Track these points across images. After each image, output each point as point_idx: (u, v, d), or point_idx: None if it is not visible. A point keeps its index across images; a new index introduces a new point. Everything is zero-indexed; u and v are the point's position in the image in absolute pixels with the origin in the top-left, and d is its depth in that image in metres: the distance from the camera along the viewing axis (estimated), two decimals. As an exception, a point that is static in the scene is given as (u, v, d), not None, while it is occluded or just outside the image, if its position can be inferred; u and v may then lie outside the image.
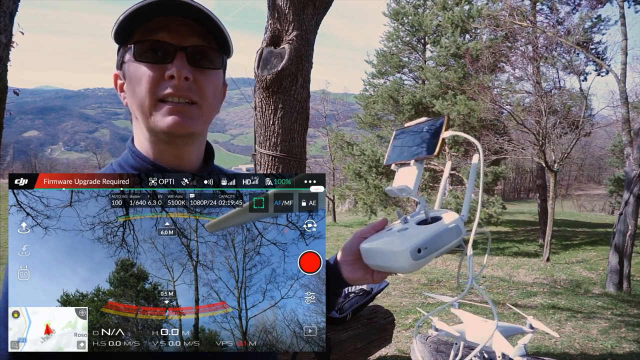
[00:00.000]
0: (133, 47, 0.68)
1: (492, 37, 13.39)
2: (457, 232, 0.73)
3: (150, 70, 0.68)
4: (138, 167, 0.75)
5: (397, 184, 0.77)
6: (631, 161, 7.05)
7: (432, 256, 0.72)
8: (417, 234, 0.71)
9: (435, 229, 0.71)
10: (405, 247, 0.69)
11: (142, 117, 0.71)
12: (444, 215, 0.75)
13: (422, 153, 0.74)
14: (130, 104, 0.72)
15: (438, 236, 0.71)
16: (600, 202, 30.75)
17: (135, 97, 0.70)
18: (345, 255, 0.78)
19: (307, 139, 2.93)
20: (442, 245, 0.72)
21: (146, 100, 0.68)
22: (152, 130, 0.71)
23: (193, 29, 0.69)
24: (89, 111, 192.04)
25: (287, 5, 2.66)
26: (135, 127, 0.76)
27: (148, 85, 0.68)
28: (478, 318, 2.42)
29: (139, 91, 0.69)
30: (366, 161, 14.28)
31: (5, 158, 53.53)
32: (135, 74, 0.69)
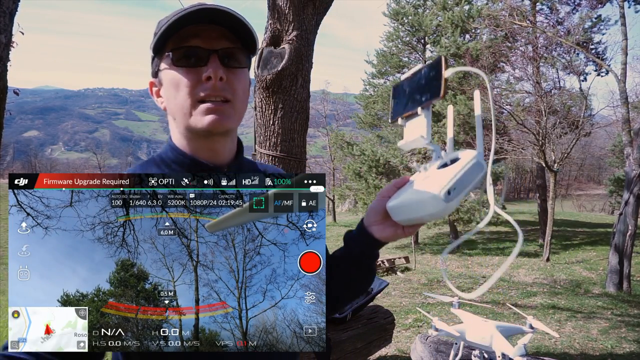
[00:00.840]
0: (170, 55, 0.74)
1: (492, 37, 13.39)
2: (480, 167, 0.71)
3: (188, 74, 0.73)
4: (177, 161, 0.80)
5: (409, 136, 0.74)
6: (631, 161, 7.05)
7: (462, 195, 0.70)
8: (443, 177, 0.69)
9: (460, 168, 0.69)
10: (435, 192, 0.67)
11: (182, 118, 0.76)
12: (461, 154, 0.72)
13: (427, 98, 0.71)
14: (169, 107, 0.78)
15: (464, 175, 0.69)
16: (600, 202, 30.75)
17: (175, 100, 0.75)
18: (372, 217, 0.78)
19: (307, 139, 2.93)
20: (469, 182, 0.69)
21: (186, 102, 0.74)
22: (191, 129, 0.76)
23: (221, 33, 0.75)
24: (89, 111, 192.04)
25: (287, 5, 2.66)
26: (172, 127, 0.82)
27: (187, 88, 0.73)
28: (478, 318, 2.42)
29: (179, 94, 0.74)
30: (366, 161, 14.28)
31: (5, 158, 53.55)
32: (174, 79, 0.74)
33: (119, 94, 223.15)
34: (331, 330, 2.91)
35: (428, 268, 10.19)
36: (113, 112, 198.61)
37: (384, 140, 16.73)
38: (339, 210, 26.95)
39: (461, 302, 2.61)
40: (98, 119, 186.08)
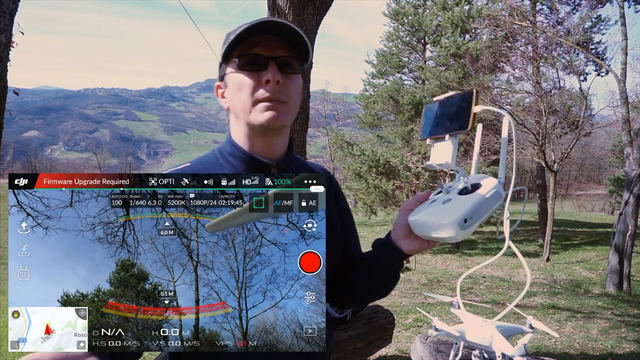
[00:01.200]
0: (237, 61, 0.86)
1: (492, 37, 13.39)
2: (498, 197, 0.75)
3: (250, 77, 0.85)
4: (234, 155, 0.91)
5: (435, 159, 0.81)
6: (631, 161, 7.05)
7: (478, 223, 0.75)
8: (462, 205, 0.74)
9: (478, 198, 0.74)
10: (452, 219, 0.72)
11: (243, 115, 0.87)
12: (483, 182, 0.77)
13: (456, 128, 0.77)
14: (233, 106, 0.90)
15: (481, 204, 0.74)
16: (600, 202, 30.75)
17: (239, 99, 0.86)
18: (399, 231, 0.86)
19: (307, 139, 2.92)
20: (485, 211, 0.74)
21: (248, 101, 0.85)
22: (251, 125, 0.87)
23: (280, 43, 0.86)
24: (89, 111, 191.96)
25: (287, 5, 2.66)
26: (234, 125, 0.93)
27: (250, 89, 0.85)
28: (478, 318, 2.41)
29: (242, 94, 0.86)
30: (366, 161, 14.28)
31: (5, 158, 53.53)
32: (238, 82, 0.86)
33: (119, 94, 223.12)
34: (331, 330, 2.91)
35: (428, 268, 10.19)
36: (113, 112, 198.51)
37: (384, 140, 16.73)
38: (339, 210, 26.90)
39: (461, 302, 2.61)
40: (98, 119, 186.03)
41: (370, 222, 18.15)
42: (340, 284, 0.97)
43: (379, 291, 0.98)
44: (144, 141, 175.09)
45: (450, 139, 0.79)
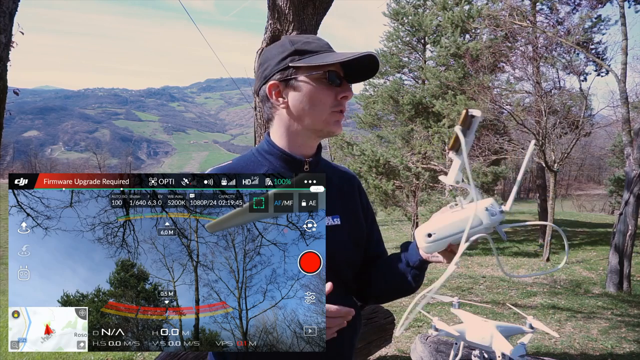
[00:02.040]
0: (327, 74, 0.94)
1: (492, 37, 13.38)
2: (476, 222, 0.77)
3: (330, 91, 0.95)
4: (272, 153, 0.99)
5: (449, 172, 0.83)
6: (631, 161, 7.05)
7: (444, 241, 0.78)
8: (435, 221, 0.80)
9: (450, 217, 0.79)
10: (420, 231, 0.80)
11: (315, 123, 0.96)
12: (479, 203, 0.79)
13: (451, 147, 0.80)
14: (300, 111, 0.96)
15: (450, 224, 0.78)
16: (600, 202, 30.75)
17: (314, 108, 0.95)
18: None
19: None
20: (453, 232, 0.78)
21: (326, 111, 0.96)
22: (318, 131, 0.98)
23: None
24: (89, 111, 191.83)
25: (287, 5, 2.66)
26: (282, 125, 0.99)
27: (330, 102, 0.95)
28: (478, 318, 2.41)
29: (321, 106, 0.95)
30: (366, 161, 14.27)
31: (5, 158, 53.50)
32: (319, 93, 0.95)
33: (119, 94, 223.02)
34: (331, 330, 2.91)
35: (428, 268, 10.18)
36: (113, 112, 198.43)
37: (384, 140, 16.72)
38: (339, 210, 26.88)
39: (461, 302, 2.61)
40: (98, 119, 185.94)
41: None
42: (363, 279, 1.05)
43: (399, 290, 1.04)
44: (144, 141, 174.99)
45: (454, 156, 0.81)
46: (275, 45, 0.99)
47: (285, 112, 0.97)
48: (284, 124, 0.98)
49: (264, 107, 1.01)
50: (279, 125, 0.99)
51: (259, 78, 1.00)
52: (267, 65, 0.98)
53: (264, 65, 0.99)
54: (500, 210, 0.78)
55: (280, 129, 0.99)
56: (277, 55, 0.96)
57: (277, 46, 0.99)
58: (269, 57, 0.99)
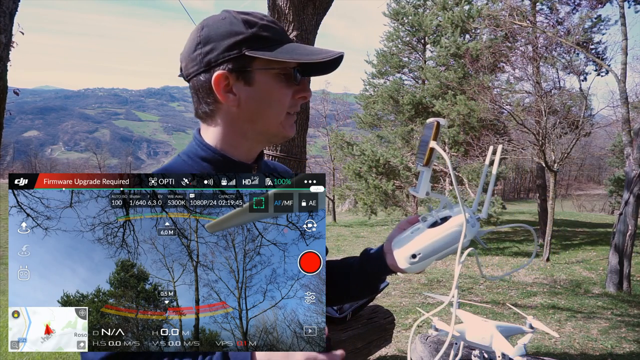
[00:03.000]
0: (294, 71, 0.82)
1: (492, 37, 13.39)
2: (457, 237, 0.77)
3: (289, 90, 0.83)
4: (210, 158, 0.83)
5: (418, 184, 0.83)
6: (631, 161, 7.05)
7: (431, 259, 0.78)
8: (420, 239, 0.78)
9: (432, 236, 0.77)
10: (403, 253, 0.79)
11: (268, 125, 0.84)
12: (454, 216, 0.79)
13: (420, 161, 0.80)
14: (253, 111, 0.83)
15: (434, 242, 0.77)
16: (600, 202, 30.75)
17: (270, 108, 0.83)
18: (387, 246, 0.88)
19: (307, 139, 2.93)
20: (438, 250, 0.77)
21: (283, 112, 0.84)
22: (270, 134, 0.85)
23: None
24: (89, 111, 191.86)
25: (287, 5, 2.66)
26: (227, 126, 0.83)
27: (287, 102, 0.84)
28: (478, 318, 2.42)
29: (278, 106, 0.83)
30: (366, 161, 14.28)
31: (5, 158, 53.52)
32: (277, 91, 0.83)
33: (119, 94, 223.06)
34: (331, 330, 2.91)
35: (428, 268, 10.19)
36: (113, 112, 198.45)
37: (384, 140, 16.73)
38: (339, 210, 26.95)
39: (461, 302, 2.61)
40: (98, 119, 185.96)
41: (370, 222, 18.15)
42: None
43: (354, 298, 0.98)
44: (144, 141, 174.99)
45: (422, 168, 0.80)
46: (222, 22, 0.78)
47: (234, 110, 0.80)
48: (230, 124, 0.82)
49: (199, 100, 0.81)
50: (222, 125, 0.83)
51: (196, 61, 0.79)
52: (212, 47, 0.77)
53: (207, 46, 0.78)
54: (477, 218, 0.79)
55: (224, 129, 0.83)
56: (227, 38, 0.77)
57: (224, 23, 0.78)
58: (214, 36, 0.78)
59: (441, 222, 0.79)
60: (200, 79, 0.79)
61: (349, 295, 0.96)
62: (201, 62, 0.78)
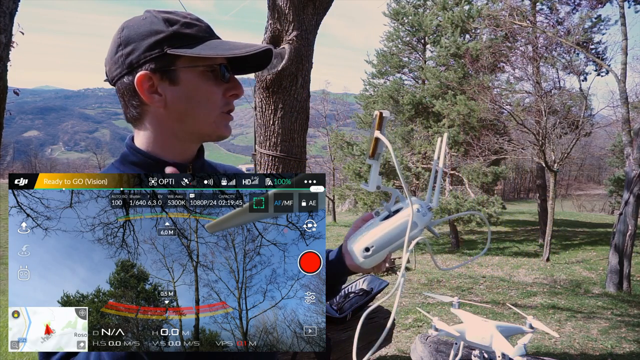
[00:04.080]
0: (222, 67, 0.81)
1: (492, 37, 13.39)
2: (412, 226, 0.76)
3: (218, 88, 0.81)
4: (137, 162, 0.80)
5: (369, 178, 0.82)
6: (631, 161, 7.05)
7: (384, 252, 0.77)
8: (372, 233, 0.78)
9: (384, 228, 0.77)
10: (356, 248, 0.78)
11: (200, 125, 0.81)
12: (404, 207, 0.79)
13: (367, 153, 0.79)
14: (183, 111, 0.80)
15: (386, 234, 0.77)
16: (600, 202, 30.76)
17: (200, 107, 0.81)
18: (345, 245, 0.86)
19: (307, 139, 2.93)
20: (391, 242, 0.77)
21: (215, 111, 0.81)
22: (202, 135, 0.82)
23: None
24: (89, 111, 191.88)
25: (287, 5, 2.66)
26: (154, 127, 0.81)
27: (219, 100, 0.82)
28: (478, 318, 2.42)
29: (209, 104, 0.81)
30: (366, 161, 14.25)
31: (5, 158, 53.51)
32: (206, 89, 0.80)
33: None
34: (331, 330, 2.92)
35: (428, 268, 10.19)
36: (113, 112, 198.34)
37: (384, 140, 16.70)
38: (339, 210, 26.95)
39: (461, 302, 2.61)
40: (98, 119, 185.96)
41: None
42: None
43: None
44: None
45: (371, 161, 0.80)
46: (143, 22, 0.77)
47: (161, 111, 0.78)
48: (159, 125, 0.79)
49: (126, 104, 0.79)
50: (151, 128, 0.80)
51: (118, 63, 0.76)
52: (133, 48, 0.75)
53: (128, 47, 0.75)
54: (428, 207, 0.78)
55: (153, 132, 0.80)
56: (148, 37, 0.75)
57: (145, 23, 0.77)
58: (134, 36, 0.76)
59: (393, 215, 0.79)
60: (124, 81, 0.77)
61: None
62: (123, 64, 0.76)
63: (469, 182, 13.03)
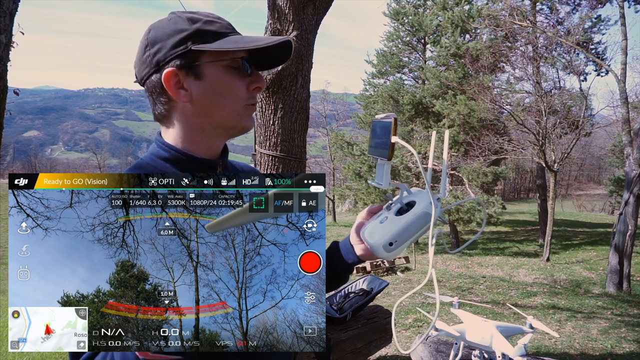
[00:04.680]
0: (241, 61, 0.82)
1: (492, 37, 13.39)
2: (427, 217, 0.79)
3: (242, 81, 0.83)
4: (168, 158, 0.83)
5: (376, 177, 0.85)
6: (631, 161, 7.06)
7: (406, 244, 0.81)
8: (391, 227, 0.80)
9: (406, 220, 0.80)
10: (379, 243, 0.80)
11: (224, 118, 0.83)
12: (418, 200, 0.82)
13: (380, 155, 0.81)
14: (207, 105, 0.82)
15: (408, 227, 0.80)
16: (600, 202, 30.76)
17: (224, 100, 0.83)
18: (354, 237, 0.89)
19: (307, 139, 2.93)
20: (412, 234, 0.80)
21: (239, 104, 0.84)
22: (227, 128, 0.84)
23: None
24: (89, 111, 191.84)
25: (287, 5, 2.66)
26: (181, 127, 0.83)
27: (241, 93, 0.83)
28: (478, 318, 2.41)
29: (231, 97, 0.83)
30: (366, 161, 14.28)
31: (5, 158, 53.52)
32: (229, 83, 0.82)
33: (119, 94, 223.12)
34: (331, 330, 2.92)
35: (428, 268, 10.20)
36: (113, 112, 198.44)
37: (384, 140, 16.70)
38: (339, 210, 26.96)
39: (461, 302, 2.61)
40: (98, 119, 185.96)
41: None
42: None
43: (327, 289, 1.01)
44: (144, 141, 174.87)
45: (382, 161, 0.82)
46: (168, 23, 0.80)
47: (188, 106, 0.80)
48: (186, 121, 0.82)
49: (155, 101, 0.82)
50: (178, 124, 0.83)
51: (146, 63, 0.80)
52: (160, 47, 0.78)
53: (155, 46, 0.79)
54: (437, 198, 0.81)
55: (181, 127, 0.83)
56: (173, 36, 0.78)
57: (170, 23, 0.80)
58: (160, 37, 0.79)
59: (407, 208, 0.82)
60: (152, 80, 0.80)
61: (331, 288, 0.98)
62: (151, 63, 0.79)
63: (469, 182, 13.03)
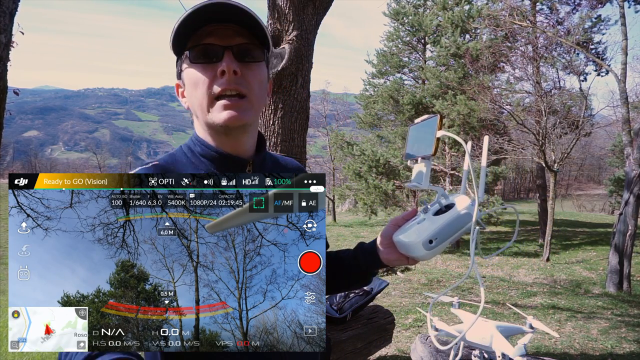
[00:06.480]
0: (188, 54, 0.79)
1: (492, 37, 13.39)
2: (468, 218, 0.79)
3: (204, 70, 0.78)
4: (206, 154, 0.84)
5: (413, 178, 0.86)
6: (631, 161, 7.05)
7: (445, 244, 0.80)
8: (430, 226, 0.80)
9: (446, 219, 0.80)
10: (418, 240, 0.79)
11: (201, 115, 0.81)
12: (457, 201, 0.82)
13: (424, 152, 0.81)
14: (191, 105, 0.83)
15: (448, 225, 0.79)
16: (600, 202, 30.75)
17: (195, 97, 0.80)
18: (382, 240, 0.90)
19: (307, 139, 2.93)
20: (453, 232, 0.80)
21: (204, 98, 0.78)
22: (210, 125, 0.81)
23: (236, 31, 0.79)
24: (89, 111, 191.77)
25: (287, 5, 2.66)
26: (196, 125, 0.86)
27: (205, 84, 0.77)
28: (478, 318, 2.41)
29: (198, 91, 0.79)
30: (366, 161, 14.27)
31: (5, 158, 53.50)
32: (193, 77, 0.79)
33: (119, 94, 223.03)
34: (331, 330, 2.91)
35: (428, 268, 10.18)
36: (113, 112, 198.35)
37: (384, 140, 16.72)
38: (339, 210, 26.94)
39: (461, 302, 2.61)
40: (98, 119, 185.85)
41: (370, 222, 18.15)
42: None
43: (350, 288, 1.01)
44: (144, 141, 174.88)
45: (422, 161, 0.83)
46: None
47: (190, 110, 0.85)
48: (195, 123, 0.87)
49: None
50: (195, 126, 0.88)
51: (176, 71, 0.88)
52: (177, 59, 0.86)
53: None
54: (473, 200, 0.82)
55: (197, 128, 0.87)
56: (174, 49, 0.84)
57: None
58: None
59: (445, 210, 0.82)
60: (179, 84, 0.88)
61: (342, 287, 1.00)
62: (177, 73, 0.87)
63: (469, 182, 13.00)
